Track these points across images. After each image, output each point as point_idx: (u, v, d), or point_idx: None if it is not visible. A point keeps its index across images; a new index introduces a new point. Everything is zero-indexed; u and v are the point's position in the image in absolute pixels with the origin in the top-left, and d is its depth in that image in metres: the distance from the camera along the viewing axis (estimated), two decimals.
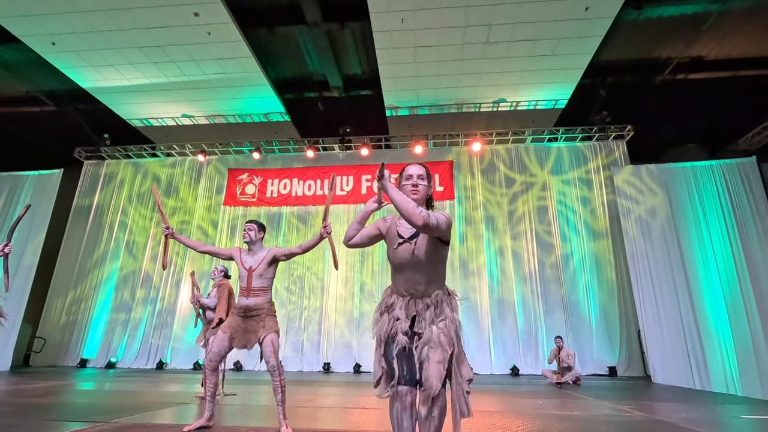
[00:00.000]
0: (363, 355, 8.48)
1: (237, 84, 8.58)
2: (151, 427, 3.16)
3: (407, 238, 1.90)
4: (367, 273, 9.13)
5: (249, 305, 3.12)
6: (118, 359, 8.86)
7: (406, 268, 1.88)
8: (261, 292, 3.15)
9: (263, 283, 3.17)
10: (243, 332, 3.11)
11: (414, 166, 2.00)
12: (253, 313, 3.12)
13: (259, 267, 3.16)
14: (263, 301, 3.15)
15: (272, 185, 9.96)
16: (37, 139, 10.43)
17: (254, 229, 3.26)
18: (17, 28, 7.12)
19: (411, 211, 1.69)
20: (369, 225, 2.07)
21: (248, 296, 3.12)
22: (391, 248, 1.94)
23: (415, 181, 1.94)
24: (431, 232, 1.75)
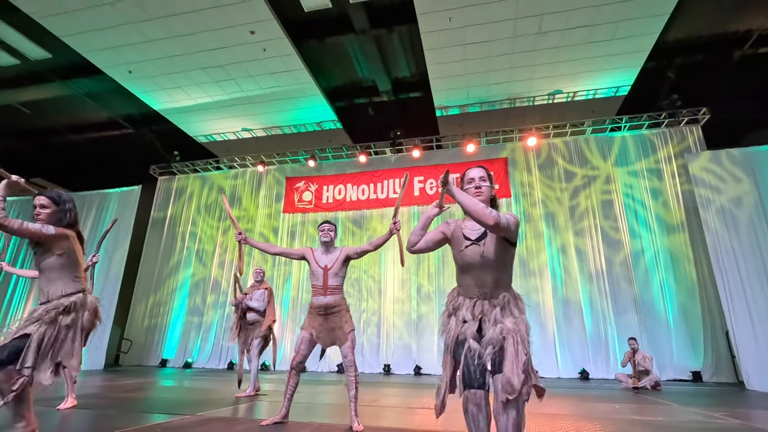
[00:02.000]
0: (423, 357, 8.45)
1: (291, 96, 8.95)
2: (229, 421, 3.36)
3: (475, 240, 1.90)
4: (424, 275, 9.10)
5: (328, 303, 3.23)
6: (194, 360, 9.51)
7: (474, 270, 1.88)
8: (337, 290, 3.27)
9: (338, 282, 3.29)
10: (327, 331, 3.23)
11: (475, 169, 2.02)
12: (333, 311, 3.23)
13: (334, 266, 3.28)
14: (340, 299, 3.27)
15: (327, 191, 10.25)
16: (118, 159, 11.51)
17: (332, 229, 3.42)
18: (100, 61, 7.93)
19: (481, 212, 1.70)
20: (432, 230, 2.09)
21: (325, 294, 3.24)
22: (458, 251, 1.95)
23: (477, 183, 1.96)
24: (502, 232, 1.75)
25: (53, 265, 2.33)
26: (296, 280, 9.70)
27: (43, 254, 2.32)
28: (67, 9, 6.69)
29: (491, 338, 1.75)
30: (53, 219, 2.37)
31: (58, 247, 2.34)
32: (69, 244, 2.38)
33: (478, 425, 1.72)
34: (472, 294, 1.89)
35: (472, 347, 1.77)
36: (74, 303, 2.32)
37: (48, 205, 2.38)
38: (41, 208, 2.37)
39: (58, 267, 2.34)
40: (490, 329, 1.77)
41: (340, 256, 3.30)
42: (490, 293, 1.85)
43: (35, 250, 2.33)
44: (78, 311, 2.34)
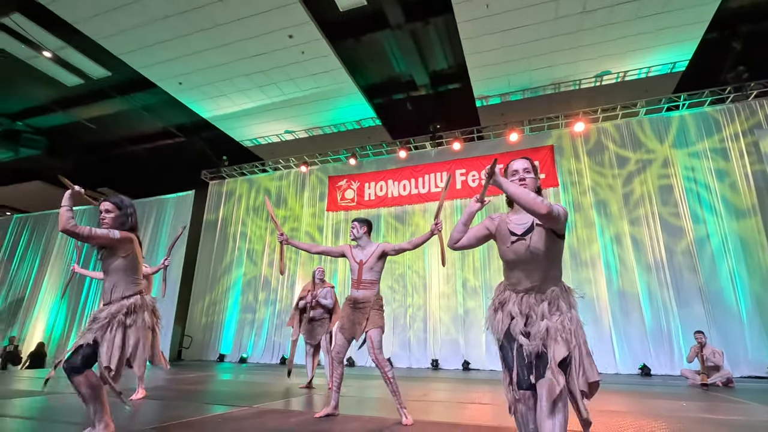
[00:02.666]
0: (471, 353, 8.33)
1: (330, 96, 9.09)
2: (284, 413, 3.49)
3: (521, 235, 1.85)
4: (469, 269, 8.96)
5: (358, 297, 3.30)
6: (249, 355, 9.95)
7: (521, 265, 1.84)
8: (370, 285, 3.32)
9: (373, 276, 3.33)
10: (350, 323, 3.28)
11: (519, 161, 1.98)
12: (360, 306, 3.28)
13: (369, 260, 3.34)
14: (371, 294, 3.30)
15: (369, 188, 10.33)
16: (172, 166, 12.22)
17: (356, 226, 3.49)
18: (153, 75, 8.44)
19: (533, 202, 1.66)
20: (475, 225, 2.05)
21: (358, 288, 3.31)
22: (504, 246, 1.91)
23: (521, 175, 1.92)
24: (553, 222, 1.70)
25: (117, 268, 2.50)
26: (342, 277, 9.86)
27: (109, 257, 2.50)
28: (122, 28, 7.16)
29: (535, 335, 1.71)
30: (117, 223, 2.53)
31: (122, 250, 2.51)
32: (132, 247, 2.55)
33: (527, 426, 1.70)
34: (520, 288, 1.85)
35: (521, 344, 1.73)
36: (134, 304, 2.48)
37: (112, 210, 2.54)
38: (106, 212, 2.54)
39: (122, 269, 2.51)
40: (535, 326, 1.73)
41: (376, 251, 3.36)
42: (538, 288, 1.81)
43: (102, 253, 2.52)
44: (138, 312, 2.49)
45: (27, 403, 3.86)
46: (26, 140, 10.46)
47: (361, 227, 3.49)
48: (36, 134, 10.68)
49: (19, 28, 7.14)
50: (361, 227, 3.49)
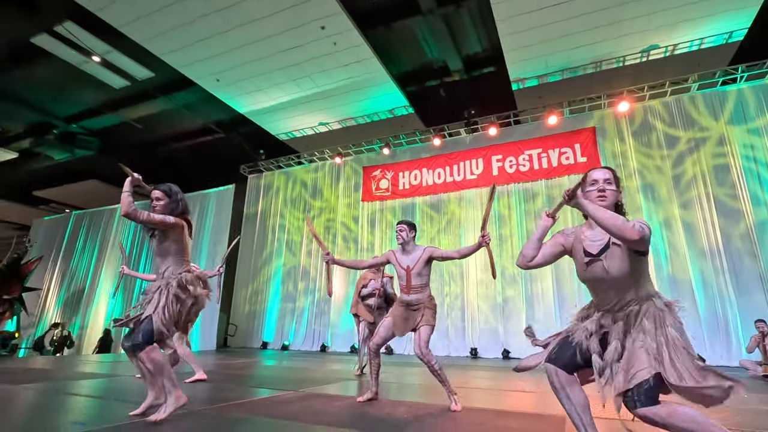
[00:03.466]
0: (511, 341, 8.21)
1: (363, 86, 9.09)
2: (326, 397, 3.58)
3: (596, 255, 1.75)
4: (507, 258, 8.79)
5: (411, 301, 3.30)
6: (290, 342, 10.27)
7: (601, 286, 1.76)
8: (420, 289, 3.30)
9: (422, 281, 3.30)
10: (403, 321, 3.30)
11: (599, 171, 1.85)
12: (414, 307, 3.30)
13: (417, 266, 3.30)
14: (423, 297, 3.30)
15: (403, 178, 10.30)
16: (213, 162, 12.66)
17: (405, 229, 3.40)
18: (192, 73, 8.74)
19: (621, 228, 1.55)
20: (547, 241, 1.98)
21: (409, 293, 3.30)
22: (580, 266, 1.83)
23: (601, 186, 1.80)
24: (641, 245, 1.58)
25: (168, 249, 2.71)
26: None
27: (162, 240, 2.70)
28: (163, 30, 7.45)
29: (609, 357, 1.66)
30: (167, 209, 2.72)
31: (173, 234, 2.70)
32: (181, 231, 2.74)
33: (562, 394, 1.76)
34: (601, 307, 1.79)
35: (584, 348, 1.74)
36: (182, 278, 2.66)
37: (162, 197, 2.74)
38: (156, 200, 2.73)
39: (172, 251, 2.71)
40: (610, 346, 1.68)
41: (423, 256, 3.30)
42: (620, 306, 1.71)
43: (155, 236, 2.71)
44: (185, 286, 2.67)
45: (93, 384, 4.18)
46: (81, 142, 11.15)
47: (409, 231, 3.41)
48: (89, 136, 11.35)
49: (70, 35, 7.57)
50: (409, 231, 3.41)
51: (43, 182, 13.91)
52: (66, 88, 9.35)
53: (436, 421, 2.68)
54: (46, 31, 7.50)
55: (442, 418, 2.77)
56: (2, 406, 3.06)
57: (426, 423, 2.60)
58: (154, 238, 2.72)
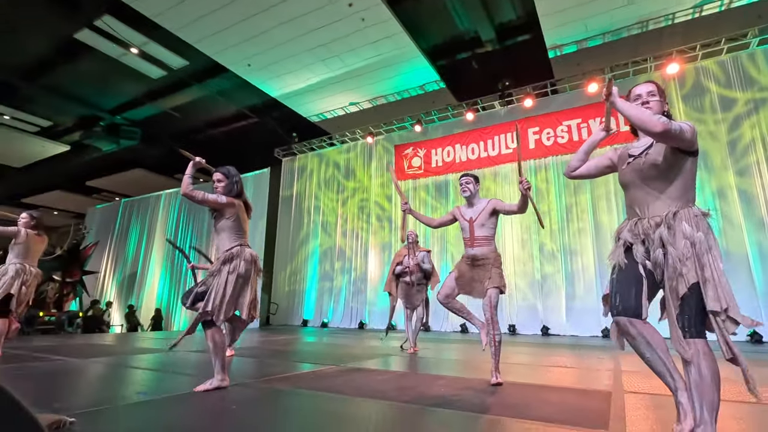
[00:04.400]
0: (550, 318, 8.08)
1: (392, 62, 8.93)
2: (367, 371, 3.68)
3: (637, 155, 1.77)
4: (546, 233, 8.57)
5: (475, 255, 3.14)
6: (329, 320, 10.57)
7: (634, 187, 1.76)
8: (485, 242, 3.15)
9: (486, 233, 3.16)
10: (469, 279, 3.15)
11: (642, 85, 1.84)
12: (479, 262, 3.12)
13: (480, 217, 3.18)
14: (489, 251, 3.14)
15: (436, 155, 10.15)
16: (248, 146, 12.95)
17: (471, 182, 3.30)
18: (225, 59, 8.88)
19: (647, 119, 1.57)
20: (597, 156, 2.00)
21: (473, 246, 3.16)
22: (621, 169, 1.84)
23: (645, 99, 1.79)
24: (672, 140, 1.58)
25: (224, 227, 2.92)
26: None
27: (219, 218, 2.94)
28: (194, 17, 7.57)
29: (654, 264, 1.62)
30: (226, 189, 2.97)
31: (228, 212, 2.92)
32: (235, 210, 2.95)
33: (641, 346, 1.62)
34: (634, 214, 1.76)
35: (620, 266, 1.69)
36: (233, 253, 2.85)
37: (222, 179, 2.99)
38: (218, 181, 2.99)
39: (227, 228, 2.92)
40: (653, 254, 1.62)
41: (487, 207, 3.19)
42: (653, 210, 1.67)
43: (213, 214, 2.95)
44: (236, 258, 2.83)
45: (151, 358, 4.48)
46: (125, 132, 11.67)
47: (475, 184, 3.31)
48: (132, 126, 11.85)
49: (109, 28, 7.84)
50: (475, 184, 3.31)
51: (94, 173, 14.74)
52: (109, 81, 9.75)
53: (477, 394, 2.69)
54: (87, 26, 7.80)
55: (483, 392, 2.79)
56: (74, 378, 3.35)
57: (467, 396, 2.62)
58: (213, 218, 2.97)
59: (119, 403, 2.48)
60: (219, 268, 2.79)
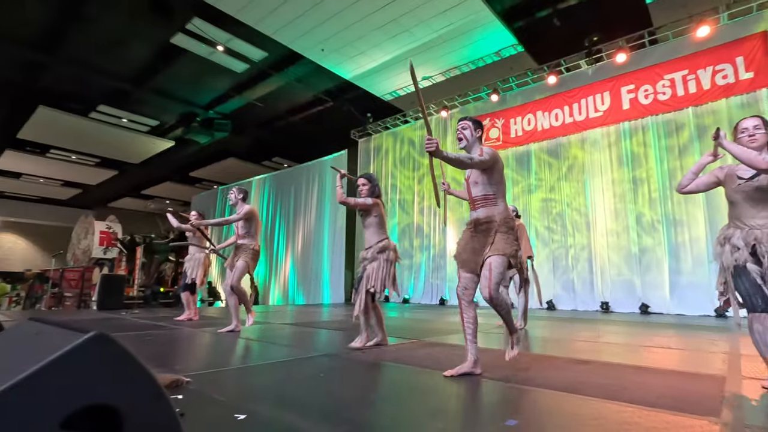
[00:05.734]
0: (650, 295, 7.37)
1: (465, 30, 8.52)
2: (449, 346, 3.70)
3: (747, 178, 2.11)
4: (644, 203, 7.74)
5: (479, 217, 2.53)
6: (410, 296, 10.76)
7: (742, 204, 2.11)
8: (485, 202, 2.52)
9: (482, 191, 2.53)
10: (470, 252, 2.51)
11: (748, 120, 2.16)
12: (482, 227, 2.50)
13: (473, 173, 2.59)
14: (495, 212, 2.49)
15: (515, 124, 9.60)
16: (325, 130, 13.40)
17: (469, 127, 2.64)
18: (299, 47, 9.19)
19: (752, 159, 1.95)
20: (704, 174, 2.32)
21: (475, 209, 2.58)
22: (730, 188, 2.19)
23: (751, 132, 2.12)
24: None
25: (371, 223, 3.54)
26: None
27: (366, 216, 3.54)
28: (270, 9, 7.90)
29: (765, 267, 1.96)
30: (369, 192, 3.55)
31: (374, 212, 3.52)
32: (379, 209, 3.56)
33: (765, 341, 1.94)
34: (739, 225, 2.11)
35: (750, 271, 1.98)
36: (385, 245, 3.49)
37: (366, 183, 3.58)
38: (362, 185, 3.59)
39: (375, 224, 3.53)
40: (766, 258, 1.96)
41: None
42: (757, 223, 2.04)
43: (361, 213, 3.57)
44: (386, 250, 3.47)
45: (251, 329, 4.97)
46: (218, 125, 12.73)
47: (474, 130, 2.63)
48: (223, 119, 12.89)
49: (198, 30, 8.51)
50: (474, 130, 2.63)
51: (195, 164, 16.39)
52: (201, 79, 10.65)
53: (563, 373, 2.57)
54: (180, 30, 8.55)
55: (569, 371, 2.65)
56: (188, 344, 3.84)
57: (552, 374, 2.52)
58: (362, 216, 3.58)
59: (224, 367, 2.80)
60: (376, 256, 3.43)
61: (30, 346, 0.89)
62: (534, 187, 9.18)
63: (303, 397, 2.06)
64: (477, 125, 2.66)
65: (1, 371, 0.75)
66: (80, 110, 11.86)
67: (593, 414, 1.78)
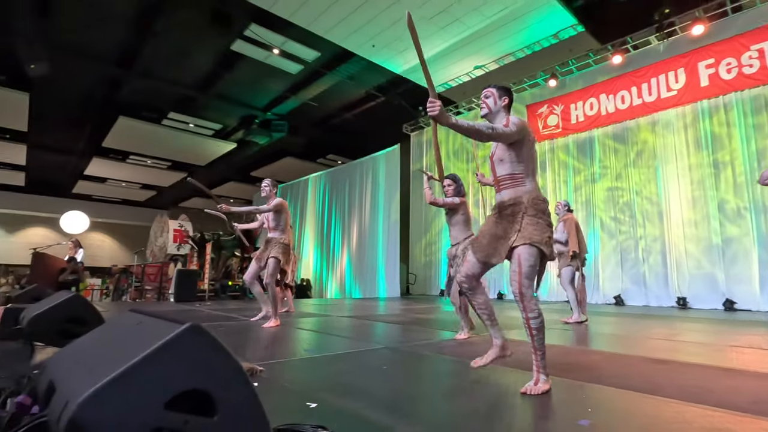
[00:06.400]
0: (736, 290, 6.70)
1: (519, 13, 8.18)
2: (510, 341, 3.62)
3: None
4: (728, 188, 7.03)
5: (502, 200, 2.18)
6: None
7: None
8: (512, 182, 2.15)
9: (508, 170, 2.16)
10: (491, 239, 2.14)
11: None
12: (507, 210, 2.14)
13: (498, 148, 2.21)
14: (522, 193, 2.12)
15: (576, 109, 9.09)
16: (378, 125, 13.50)
17: (493, 95, 2.25)
18: (351, 44, 9.30)
19: None
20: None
21: (499, 190, 2.21)
22: None
23: None
24: None
25: (458, 221, 3.73)
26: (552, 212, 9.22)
27: (452, 215, 3.75)
28: (320, 10, 8.07)
29: None
30: (455, 191, 3.77)
31: (461, 210, 3.73)
32: (465, 207, 3.76)
33: None
34: None
35: None
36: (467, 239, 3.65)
37: (451, 183, 3.78)
38: (448, 186, 3.78)
39: (461, 222, 3.73)
40: None
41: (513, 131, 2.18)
42: None
43: (447, 212, 3.78)
44: None
45: (312, 321, 5.17)
46: (275, 126, 13.27)
47: (499, 97, 2.24)
48: (280, 120, 13.41)
49: (255, 35, 8.90)
50: (499, 97, 2.24)
51: (255, 164, 17.23)
52: (259, 82, 11.15)
53: (639, 372, 2.42)
54: (239, 36, 8.99)
55: (647, 370, 2.49)
56: (256, 334, 4.07)
57: (630, 373, 2.38)
58: (447, 214, 3.79)
59: (291, 357, 2.93)
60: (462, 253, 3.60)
61: (135, 335, 0.99)
62: (598, 176, 8.65)
63: (368, 389, 2.11)
64: (503, 92, 2.26)
65: (115, 357, 0.85)
66: (154, 118, 12.89)
67: (675, 417, 1.67)
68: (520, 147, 2.13)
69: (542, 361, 2.02)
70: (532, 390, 1.94)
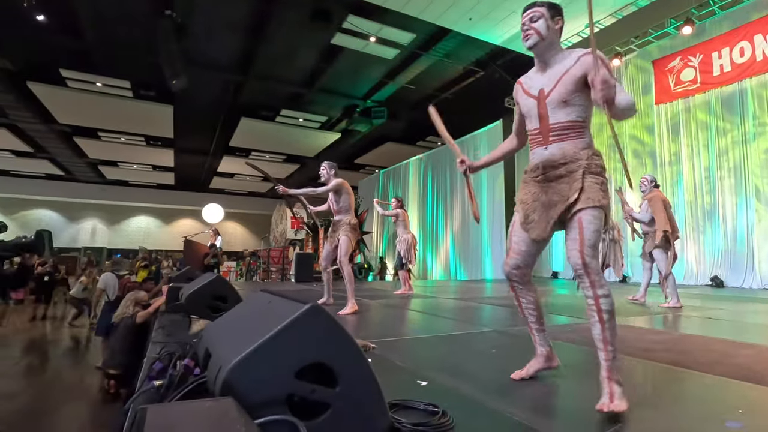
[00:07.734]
0: None
1: None
2: (635, 329, 3.29)
3: None
4: None
5: (552, 157, 1.70)
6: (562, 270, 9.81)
7: None
8: (570, 133, 1.68)
9: (570, 116, 1.67)
10: (542, 209, 1.73)
11: None
12: (560, 170, 1.68)
13: (558, 87, 1.67)
14: (574, 148, 1.67)
15: (720, 58, 7.62)
16: (478, 102, 13.00)
17: (542, 16, 1.71)
18: (447, 21, 9.05)
19: None
20: None
21: (546, 144, 1.72)
22: None
23: None
24: None
25: None
26: (689, 181, 8.00)
27: None
28: None
29: None
30: None
31: None
32: None
33: None
34: None
35: None
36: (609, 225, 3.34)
37: None
38: None
39: None
40: None
41: (574, 68, 1.65)
42: None
43: None
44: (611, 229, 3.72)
45: (419, 302, 5.30)
46: (375, 113, 13.65)
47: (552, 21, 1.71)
48: (380, 107, 13.74)
49: (353, 26, 9.18)
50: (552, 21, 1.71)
51: (359, 151, 17.98)
52: (358, 72, 11.53)
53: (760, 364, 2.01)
54: (339, 29, 9.37)
55: None
56: (368, 314, 4.32)
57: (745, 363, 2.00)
58: None
59: (400, 336, 3.06)
60: None
61: (267, 313, 1.14)
62: (752, 135, 7.22)
63: (477, 371, 2.12)
64: (554, 12, 1.74)
65: (253, 331, 1.00)
66: (269, 116, 14.22)
67: None
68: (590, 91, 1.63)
69: (615, 362, 1.52)
70: (608, 407, 1.41)
